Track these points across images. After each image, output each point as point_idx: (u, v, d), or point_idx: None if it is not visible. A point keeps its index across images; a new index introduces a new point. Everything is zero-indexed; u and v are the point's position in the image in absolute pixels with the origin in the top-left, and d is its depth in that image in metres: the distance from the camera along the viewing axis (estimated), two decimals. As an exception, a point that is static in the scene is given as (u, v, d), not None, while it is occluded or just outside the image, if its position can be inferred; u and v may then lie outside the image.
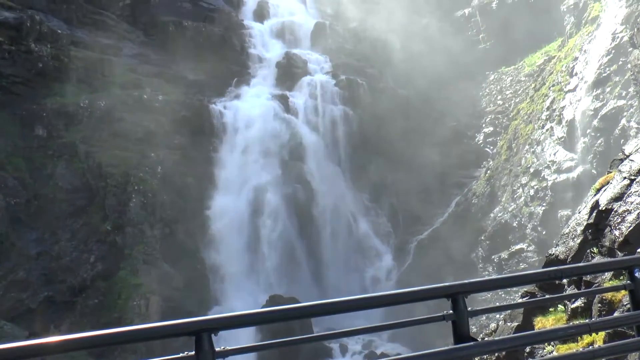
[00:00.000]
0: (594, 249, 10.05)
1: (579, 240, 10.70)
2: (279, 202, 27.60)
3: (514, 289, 17.95)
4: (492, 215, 26.59)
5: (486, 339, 10.06)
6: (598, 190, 10.85)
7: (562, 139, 23.75)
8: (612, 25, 23.79)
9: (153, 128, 27.22)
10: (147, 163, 26.12)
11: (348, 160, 30.36)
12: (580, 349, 7.47)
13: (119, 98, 27.46)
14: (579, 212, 11.24)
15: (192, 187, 27.13)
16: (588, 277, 9.27)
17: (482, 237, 26.26)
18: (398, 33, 35.25)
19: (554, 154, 23.94)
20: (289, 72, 32.48)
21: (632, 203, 9.28)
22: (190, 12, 34.23)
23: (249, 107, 30.18)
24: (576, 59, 25.29)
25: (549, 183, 23.65)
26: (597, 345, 7.04)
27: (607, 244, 9.66)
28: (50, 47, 27.39)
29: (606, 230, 9.83)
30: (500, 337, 7.02)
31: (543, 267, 11.30)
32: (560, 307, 9.59)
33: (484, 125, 31.93)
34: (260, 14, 37.41)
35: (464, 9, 37.71)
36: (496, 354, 9.25)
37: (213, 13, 34.79)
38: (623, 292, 7.48)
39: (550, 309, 9.77)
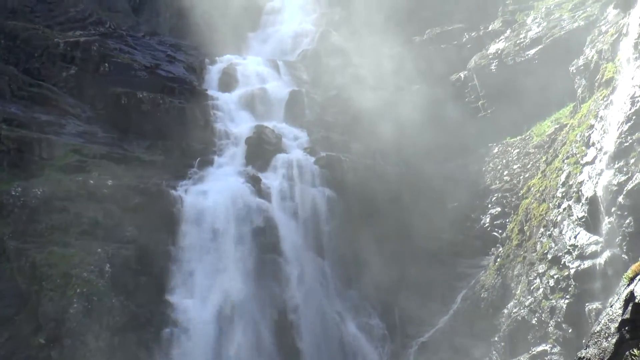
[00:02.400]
0: (635, 350, 9.74)
1: (614, 340, 10.40)
2: (251, 305, 27.08)
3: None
4: (505, 311, 26.12)
5: None
6: (632, 279, 10.62)
7: (583, 220, 23.66)
8: (630, 89, 24.23)
9: (100, 219, 26.87)
10: (93, 261, 25.56)
11: (332, 251, 30.02)
12: None
13: (60, 184, 27.19)
14: (611, 306, 10.95)
15: (147, 289, 26.56)
16: (632, 389, 8.86)
17: (496, 338, 25.67)
18: (386, 101, 35.79)
19: (575, 237, 23.77)
20: (261, 150, 32.60)
21: (678, 296, 9.00)
22: (146, 82, 34.77)
23: (215, 192, 30.05)
24: (592, 126, 25.59)
25: (572, 271, 23.36)
26: None
27: (651, 345, 9.32)
28: (-24, 126, 27.33)
29: (648, 329, 9.52)
30: None
31: (574, 376, 10.85)
32: None
33: (489, 206, 31.96)
34: (227, 83, 38.04)
35: (459, 72, 38.51)
36: None
37: (173, 83, 35.37)
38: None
39: None
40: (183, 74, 36.63)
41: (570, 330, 22.98)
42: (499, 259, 28.73)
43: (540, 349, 23.84)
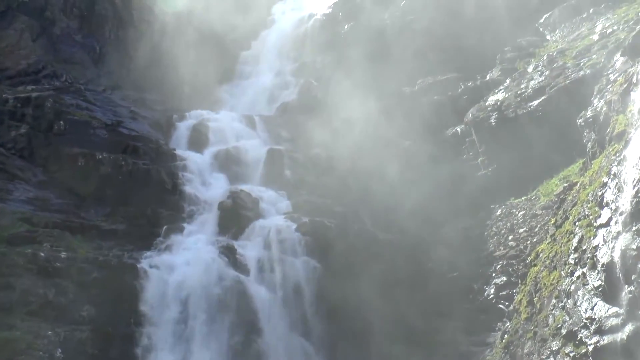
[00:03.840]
0: None
1: None
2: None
3: None
4: (516, 396, 25.60)
5: None
6: (661, 360, 10.28)
7: (600, 289, 23.34)
8: (645, 142, 24.33)
9: (51, 297, 26.32)
10: (42, 345, 24.88)
11: (318, 329, 29.48)
12: None
13: (5, 258, 26.71)
14: (638, 390, 10.61)
15: (107, 377, 25.88)
16: None
17: None
18: (374, 159, 35.78)
19: (592, 309, 23.42)
20: (236, 216, 32.44)
21: None
22: (106, 141, 34.84)
23: (184, 264, 29.76)
24: (605, 185, 25.52)
25: (590, 348, 22.91)
26: None
27: None
28: None
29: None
30: None
31: None
32: None
33: (494, 275, 31.64)
34: (198, 141, 38.30)
35: (456, 126, 38.59)
36: None
37: (136, 142, 35.47)
38: None
39: None
40: (148, 132, 36.85)
41: (590, 418, 22.43)
42: (506, 335, 28.30)
43: None
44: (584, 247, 25.22)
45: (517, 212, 33.61)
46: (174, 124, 39.46)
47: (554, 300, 25.93)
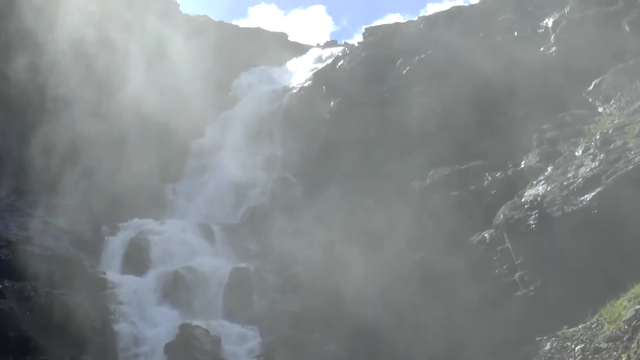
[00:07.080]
0: None
1: None
2: None
3: None
4: None
5: None
6: None
7: None
8: None
9: None
10: None
11: None
12: None
13: None
14: None
15: None
16: None
17: None
18: (376, 277, 35.58)
19: None
20: (190, 360, 31.67)
21: None
22: (8, 264, 34.57)
23: None
24: (693, 305, 25.06)
25: None
26: None
27: None
28: None
29: None
30: None
31: None
32: None
33: None
34: (136, 261, 38.61)
35: (483, 232, 38.27)
36: None
37: (51, 264, 35.05)
38: None
39: None
40: (67, 251, 36.63)
41: None
42: None
43: None
44: (674, 392, 24.60)
45: (573, 346, 32.62)
46: (103, 238, 39.50)
47: None
